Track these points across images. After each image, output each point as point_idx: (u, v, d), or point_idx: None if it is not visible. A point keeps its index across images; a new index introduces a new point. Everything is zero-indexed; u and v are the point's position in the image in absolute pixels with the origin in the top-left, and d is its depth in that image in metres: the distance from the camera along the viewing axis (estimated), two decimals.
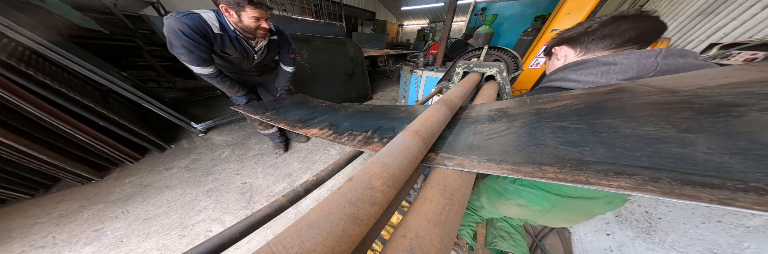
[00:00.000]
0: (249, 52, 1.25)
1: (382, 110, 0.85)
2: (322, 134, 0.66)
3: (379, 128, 0.64)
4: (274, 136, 1.98)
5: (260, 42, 1.26)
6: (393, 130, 0.61)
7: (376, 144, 0.54)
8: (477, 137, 0.47)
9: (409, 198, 1.38)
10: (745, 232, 0.71)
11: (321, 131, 0.69)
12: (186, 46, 1.01)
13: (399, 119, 0.69)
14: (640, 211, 1.02)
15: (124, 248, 1.16)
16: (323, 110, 0.98)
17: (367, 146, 0.54)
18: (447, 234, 0.26)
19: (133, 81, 2.46)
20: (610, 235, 1.08)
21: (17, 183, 1.38)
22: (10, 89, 1.19)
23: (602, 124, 0.37)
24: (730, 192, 0.19)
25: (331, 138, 0.63)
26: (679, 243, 0.83)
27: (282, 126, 0.81)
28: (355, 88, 3.43)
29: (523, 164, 0.32)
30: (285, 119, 0.87)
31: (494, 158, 0.36)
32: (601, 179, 0.25)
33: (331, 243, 0.21)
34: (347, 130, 0.67)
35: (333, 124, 0.74)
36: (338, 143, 0.60)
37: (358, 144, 0.55)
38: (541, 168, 0.30)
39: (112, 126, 1.61)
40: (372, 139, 0.57)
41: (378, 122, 0.69)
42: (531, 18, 3.38)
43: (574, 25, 0.66)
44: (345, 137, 0.62)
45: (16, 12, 1.71)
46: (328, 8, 3.98)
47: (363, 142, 0.56)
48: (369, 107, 0.93)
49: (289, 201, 0.39)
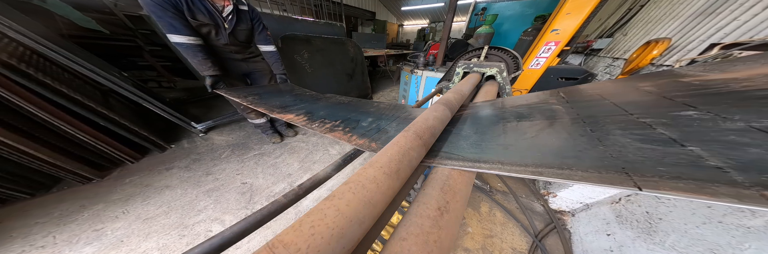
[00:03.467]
0: (216, 18, 1.25)
1: (358, 103, 0.93)
2: (297, 120, 0.73)
3: (347, 119, 0.72)
4: (265, 127, 2.00)
5: (226, 6, 1.27)
6: (358, 122, 0.70)
7: (375, 144, 0.54)
8: (477, 137, 0.47)
9: (409, 198, 1.38)
10: (746, 233, 0.71)
11: (296, 117, 0.75)
12: (154, 12, 1.04)
13: (368, 113, 0.78)
14: (641, 211, 1.02)
15: (124, 248, 1.16)
16: (305, 98, 1.03)
17: (331, 132, 0.61)
18: (448, 235, 0.25)
19: (133, 81, 2.46)
20: (611, 235, 1.08)
21: (18, 183, 1.38)
22: (11, 89, 1.19)
23: (604, 130, 0.35)
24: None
25: (304, 123, 0.70)
26: (679, 243, 0.83)
27: (261, 110, 0.86)
28: (355, 88, 3.43)
29: (524, 164, 0.32)
30: (265, 104, 0.91)
31: (495, 158, 0.36)
32: (592, 175, 0.25)
33: (327, 240, 0.21)
34: (320, 118, 0.74)
35: (309, 112, 0.81)
36: (309, 128, 0.67)
37: (325, 130, 0.63)
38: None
39: (113, 126, 1.61)
40: (337, 127, 0.65)
41: (348, 114, 0.77)
42: (531, 18, 3.39)
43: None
44: (316, 123, 0.69)
45: (17, 12, 1.72)
46: (329, 8, 3.98)
47: (329, 129, 0.64)
48: (348, 99, 1.00)
49: (289, 200, 0.39)
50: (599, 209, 1.23)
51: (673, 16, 2.63)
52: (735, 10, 2.02)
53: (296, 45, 2.44)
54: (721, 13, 2.13)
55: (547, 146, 0.36)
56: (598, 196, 1.26)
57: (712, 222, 0.78)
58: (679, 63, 1.50)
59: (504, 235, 1.28)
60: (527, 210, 1.44)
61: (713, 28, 2.14)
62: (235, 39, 1.40)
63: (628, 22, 3.38)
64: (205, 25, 1.23)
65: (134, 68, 3.56)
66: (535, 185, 1.67)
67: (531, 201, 1.53)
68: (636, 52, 2.47)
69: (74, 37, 2.82)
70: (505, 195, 1.59)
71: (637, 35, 3.13)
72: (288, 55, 2.39)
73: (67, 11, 2.90)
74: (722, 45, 1.64)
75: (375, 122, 0.69)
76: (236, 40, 1.41)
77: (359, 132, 0.61)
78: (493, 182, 1.71)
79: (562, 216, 1.39)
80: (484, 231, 1.30)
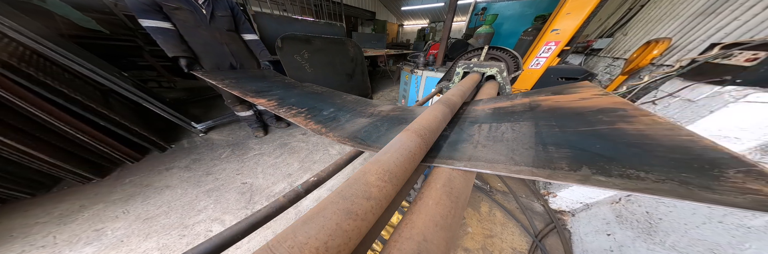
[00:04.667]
0: (192, 3, 1.29)
1: (329, 95, 0.97)
2: (267, 105, 0.76)
3: (313, 107, 0.77)
4: (251, 120, 2.02)
5: None
6: (320, 110, 0.75)
7: (375, 145, 0.54)
8: (477, 137, 0.47)
9: (410, 198, 1.38)
10: (746, 233, 0.71)
11: (267, 102, 0.79)
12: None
13: (332, 104, 0.83)
14: (641, 211, 1.02)
15: (124, 248, 1.16)
16: (281, 85, 1.07)
17: (294, 117, 0.66)
18: (449, 235, 0.25)
19: (133, 81, 2.46)
20: (611, 235, 1.08)
21: (18, 183, 1.38)
22: (11, 89, 1.19)
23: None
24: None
25: (273, 109, 0.74)
26: (679, 243, 0.83)
27: (236, 93, 0.89)
28: (356, 88, 3.43)
29: (524, 163, 0.32)
30: (241, 88, 0.93)
31: (495, 158, 0.36)
32: (595, 177, 0.26)
33: (323, 236, 0.21)
34: (289, 105, 0.78)
35: (281, 98, 0.85)
36: (276, 112, 0.72)
37: (289, 116, 0.68)
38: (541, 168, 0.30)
39: (113, 126, 1.61)
40: (301, 114, 0.70)
41: (315, 104, 0.82)
42: (531, 18, 3.38)
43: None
44: (283, 109, 0.73)
45: (17, 12, 1.72)
46: (328, 8, 3.98)
47: (293, 115, 0.69)
48: (322, 90, 1.05)
49: (289, 200, 0.38)
50: (599, 209, 1.23)
51: (673, 15, 2.63)
52: (735, 10, 2.02)
53: (296, 45, 2.44)
54: (721, 12, 2.13)
55: (500, 144, 0.42)
56: (598, 196, 1.26)
57: (712, 222, 0.78)
58: (679, 63, 1.51)
59: (504, 235, 1.28)
60: (527, 210, 1.44)
61: (714, 28, 2.13)
62: (218, 25, 1.45)
63: (628, 22, 3.38)
64: (180, 10, 1.26)
65: (134, 68, 3.56)
66: (535, 185, 1.67)
67: (531, 201, 1.53)
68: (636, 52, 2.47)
69: (74, 37, 2.82)
70: (505, 195, 1.59)
71: (638, 35, 3.13)
72: (288, 55, 2.39)
73: (67, 11, 2.90)
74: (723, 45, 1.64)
75: (334, 112, 0.75)
76: (218, 26, 1.46)
77: (317, 119, 0.68)
78: (493, 182, 1.71)
79: (562, 216, 1.39)
80: (484, 231, 1.30)
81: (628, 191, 0.24)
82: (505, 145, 0.40)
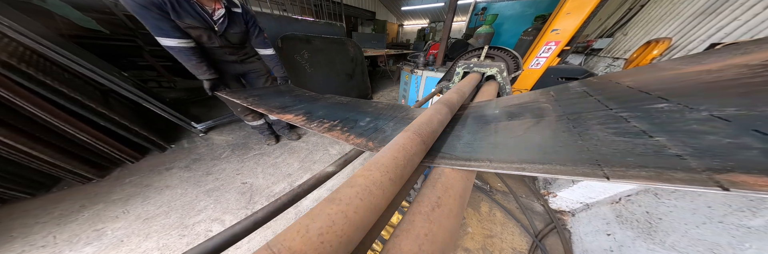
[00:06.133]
0: (207, 21, 1.21)
1: (357, 103, 0.93)
2: (296, 120, 0.73)
3: (346, 118, 0.73)
4: (262, 128, 1.99)
5: (217, 9, 1.23)
6: (356, 121, 0.70)
7: (372, 143, 0.54)
8: (477, 136, 0.47)
9: (409, 198, 1.38)
10: (746, 233, 0.71)
11: (295, 117, 0.75)
12: (138, 13, 1.00)
13: (365, 113, 0.78)
14: (641, 211, 1.02)
15: (124, 248, 1.16)
16: (304, 99, 1.03)
17: (329, 132, 0.61)
18: (449, 235, 0.25)
19: (133, 81, 2.46)
20: (611, 235, 1.08)
21: (18, 183, 1.38)
22: (11, 88, 1.19)
23: (591, 122, 0.37)
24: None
25: (303, 123, 0.69)
26: (679, 243, 0.83)
27: (261, 111, 0.85)
28: (356, 88, 3.43)
29: (525, 162, 0.32)
30: (265, 105, 0.91)
31: (495, 157, 0.36)
32: (594, 171, 0.25)
33: (327, 239, 0.21)
34: (319, 118, 0.73)
35: (308, 112, 0.81)
36: (307, 127, 0.67)
37: (322, 130, 0.64)
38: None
39: (113, 126, 1.61)
40: (336, 127, 0.65)
41: (346, 114, 0.77)
42: (531, 18, 3.38)
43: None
44: (314, 123, 0.69)
45: (17, 12, 1.72)
46: (328, 8, 3.98)
47: (327, 129, 0.64)
48: (347, 100, 1.00)
49: (289, 200, 0.38)
50: (599, 209, 1.23)
51: (673, 15, 2.63)
52: (736, 9, 2.02)
53: (296, 45, 2.44)
54: (721, 12, 2.13)
55: (532, 143, 0.38)
56: (598, 196, 1.25)
57: (712, 222, 0.78)
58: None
59: (504, 235, 1.28)
60: (527, 210, 1.44)
61: (714, 28, 2.14)
62: (228, 41, 1.37)
63: (629, 21, 3.38)
64: (195, 28, 1.19)
65: (134, 68, 3.56)
66: (535, 185, 1.67)
67: (531, 201, 1.53)
68: (636, 52, 2.47)
69: (74, 37, 2.82)
70: (505, 194, 1.59)
71: (638, 35, 3.13)
72: (288, 55, 2.39)
73: (67, 11, 2.89)
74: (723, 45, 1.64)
75: (373, 121, 0.70)
76: (229, 42, 1.38)
77: (357, 132, 0.62)
78: (493, 182, 1.71)
79: (562, 216, 1.39)
80: (484, 231, 1.30)
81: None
82: (506, 143, 0.40)
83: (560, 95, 0.59)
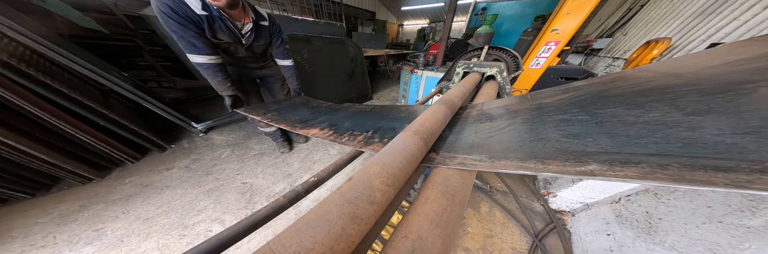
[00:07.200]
0: (236, 35, 1.21)
1: (382, 110, 0.86)
2: (323, 135, 0.66)
3: (380, 128, 0.65)
4: (275, 135, 1.98)
5: (246, 24, 1.22)
6: (393, 130, 0.61)
7: (376, 144, 0.54)
8: (478, 136, 0.47)
9: (409, 198, 1.38)
10: (746, 232, 0.71)
11: (321, 132, 0.69)
12: (175, 31, 0.99)
13: (400, 119, 0.70)
14: (641, 211, 1.02)
15: (124, 248, 1.16)
16: (324, 110, 0.99)
17: (367, 146, 0.54)
18: (448, 235, 0.25)
19: (133, 81, 2.46)
20: (611, 235, 1.08)
21: (18, 183, 1.38)
22: (11, 89, 1.19)
23: (605, 113, 0.37)
24: (746, 174, 0.18)
25: (332, 138, 0.62)
26: (679, 243, 0.83)
27: (283, 127, 0.81)
28: (355, 88, 3.43)
29: (526, 160, 0.32)
30: (286, 120, 0.87)
31: (496, 156, 0.36)
32: (606, 169, 0.25)
33: (329, 241, 0.21)
34: (348, 130, 0.67)
35: (334, 124, 0.75)
36: (339, 143, 0.59)
37: (358, 144, 0.55)
38: (544, 163, 0.29)
39: (113, 126, 1.61)
40: (373, 139, 0.57)
41: (378, 122, 0.69)
42: (531, 18, 3.38)
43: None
44: (346, 137, 0.62)
45: (17, 12, 1.72)
46: (328, 8, 3.98)
47: (364, 142, 0.56)
48: (369, 107, 0.94)
49: (289, 200, 0.39)
50: (599, 209, 1.23)
51: (673, 15, 2.63)
52: (735, 9, 2.02)
53: (296, 45, 2.44)
54: (721, 12, 2.13)
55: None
56: (598, 196, 1.26)
57: (712, 221, 0.78)
58: None
59: (504, 235, 1.28)
60: (527, 210, 1.44)
61: (713, 28, 2.14)
62: (253, 52, 1.38)
63: (628, 21, 3.38)
64: (225, 43, 1.21)
65: (134, 68, 3.56)
66: (535, 185, 1.67)
67: (531, 201, 1.53)
68: (636, 52, 2.47)
69: (74, 37, 2.82)
70: (505, 194, 1.59)
71: (637, 35, 3.13)
72: None
73: (67, 11, 2.89)
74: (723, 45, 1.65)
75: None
76: (253, 53, 1.39)
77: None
78: (493, 182, 1.72)
79: (562, 216, 1.39)
80: (484, 231, 1.30)
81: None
82: (505, 143, 0.40)
83: (535, 100, 0.60)
